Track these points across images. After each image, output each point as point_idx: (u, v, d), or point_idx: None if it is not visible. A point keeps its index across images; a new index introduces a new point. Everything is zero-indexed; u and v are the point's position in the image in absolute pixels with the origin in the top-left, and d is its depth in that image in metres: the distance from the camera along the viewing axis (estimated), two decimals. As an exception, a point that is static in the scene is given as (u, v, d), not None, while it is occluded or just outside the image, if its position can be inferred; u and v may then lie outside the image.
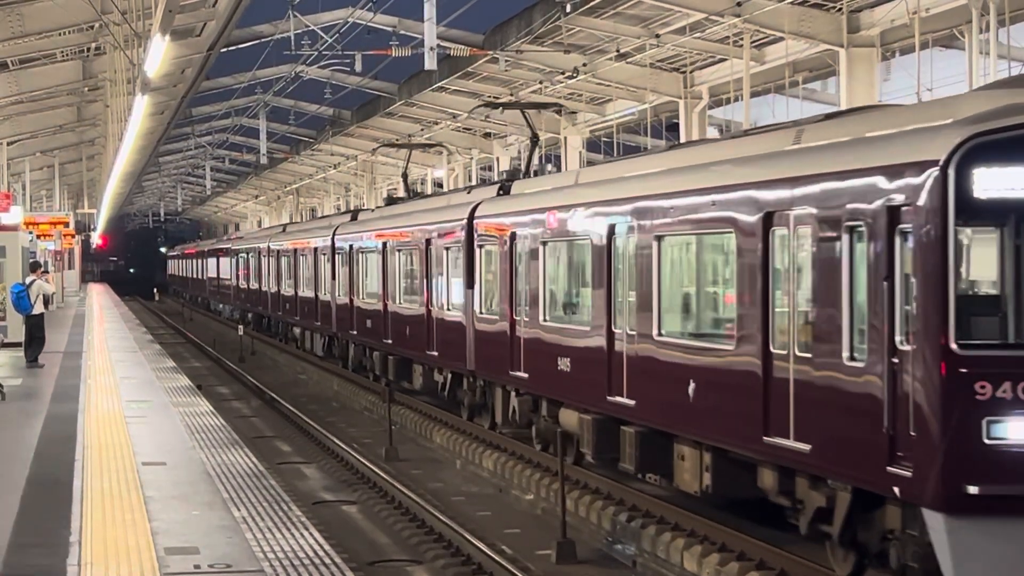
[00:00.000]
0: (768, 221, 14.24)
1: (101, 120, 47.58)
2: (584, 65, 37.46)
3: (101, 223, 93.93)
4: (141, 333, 43.07)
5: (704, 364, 15.67)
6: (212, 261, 76.75)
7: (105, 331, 42.45)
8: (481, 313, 24.14)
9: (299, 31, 41.87)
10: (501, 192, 24.61)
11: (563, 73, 38.81)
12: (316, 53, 43.56)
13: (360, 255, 34.77)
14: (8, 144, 47.21)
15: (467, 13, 38.52)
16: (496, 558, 15.61)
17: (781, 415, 13.83)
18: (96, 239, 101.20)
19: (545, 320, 20.99)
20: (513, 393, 22.61)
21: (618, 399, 17.89)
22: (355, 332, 35.00)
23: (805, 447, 13.41)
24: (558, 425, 20.02)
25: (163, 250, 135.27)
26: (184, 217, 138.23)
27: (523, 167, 25.72)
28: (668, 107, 41.41)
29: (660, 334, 16.79)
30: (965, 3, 26.12)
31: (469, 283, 24.72)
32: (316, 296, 41.16)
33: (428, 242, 27.36)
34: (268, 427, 29.60)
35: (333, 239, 38.44)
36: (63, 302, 60.55)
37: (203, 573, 10.59)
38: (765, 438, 14.08)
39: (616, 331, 18.12)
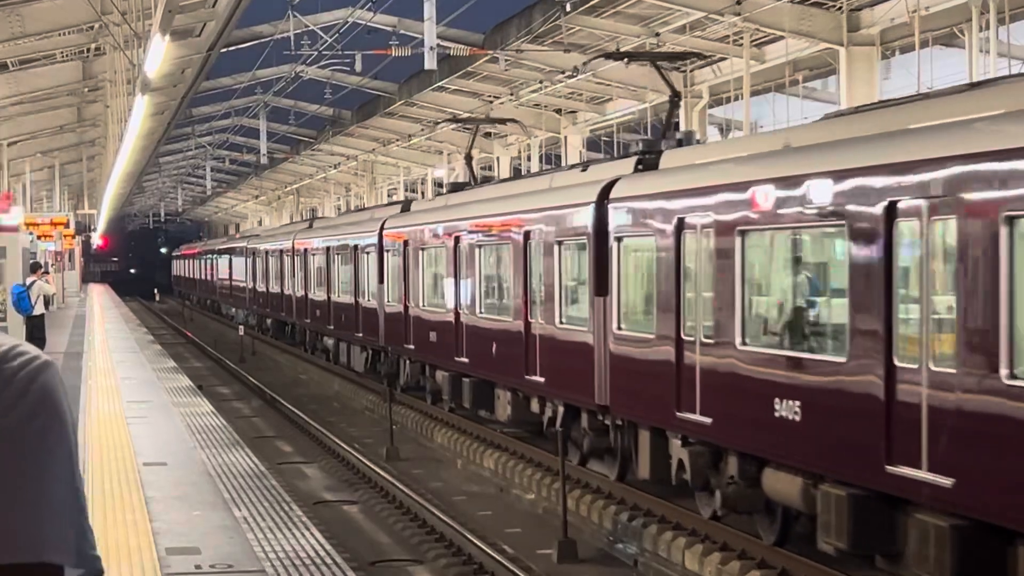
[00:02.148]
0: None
1: (101, 121, 47.57)
2: (584, 64, 37.45)
3: (101, 224, 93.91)
4: (142, 334, 43.07)
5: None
6: (223, 261, 71.11)
7: (106, 332, 42.45)
8: (620, 330, 18.43)
9: (299, 31, 41.88)
10: (641, 167, 18.91)
11: (563, 72, 38.80)
12: (316, 53, 43.54)
13: (419, 254, 28.95)
14: (8, 145, 47.20)
15: (467, 13, 38.53)
16: (497, 557, 15.61)
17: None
18: (96, 240, 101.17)
19: (744, 344, 14.89)
20: (678, 442, 16.66)
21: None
22: (411, 347, 29.26)
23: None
24: (760, 491, 14.82)
25: (163, 250, 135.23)
26: (185, 218, 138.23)
27: (662, 131, 20.63)
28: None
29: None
30: (965, 1, 26.12)
31: (601, 290, 18.84)
32: (357, 302, 35.53)
33: (527, 236, 21.89)
34: (269, 427, 29.61)
35: (381, 235, 32.65)
36: (63, 303, 60.55)
37: (204, 573, 10.59)
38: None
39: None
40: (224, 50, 38.04)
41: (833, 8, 29.95)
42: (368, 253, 34.17)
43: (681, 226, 16.28)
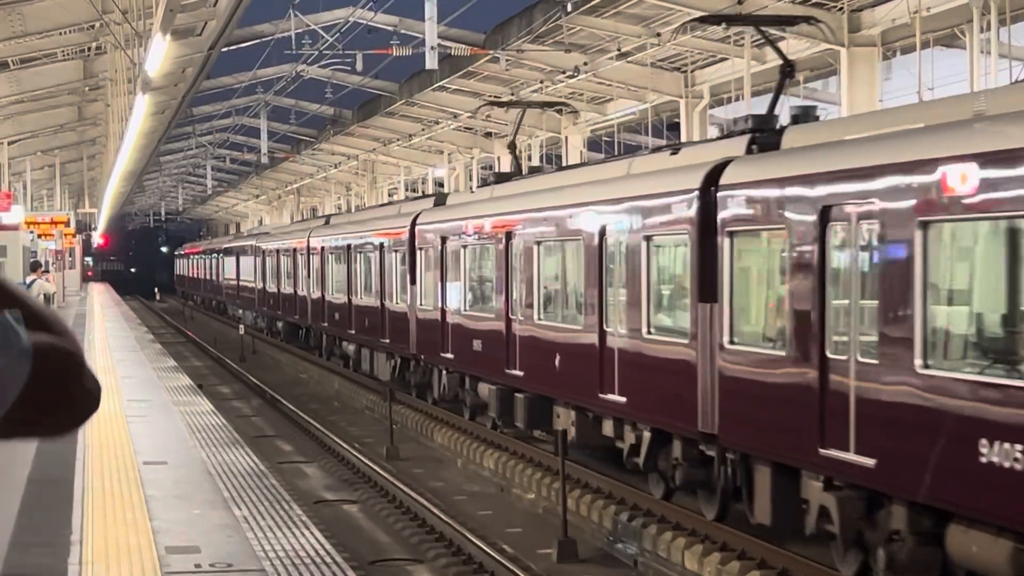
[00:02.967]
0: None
1: (102, 119, 47.59)
2: (585, 64, 37.45)
3: (102, 223, 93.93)
4: (142, 332, 43.07)
5: None
6: (230, 261, 67.36)
7: (106, 330, 42.45)
8: (733, 344, 15.10)
9: (300, 30, 41.92)
10: (756, 147, 15.83)
11: (564, 72, 38.80)
12: (317, 52, 43.59)
13: (459, 252, 25.77)
14: (9, 144, 47.23)
15: (468, 12, 38.55)
16: (497, 557, 15.61)
17: None
18: (97, 238, 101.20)
19: (927, 367, 11.78)
20: (819, 484, 13.53)
21: None
22: (449, 356, 26.21)
23: None
24: (939, 550, 12.10)
25: (164, 249, 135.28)
26: (185, 217, 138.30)
27: (769, 107, 17.18)
28: (669, 106, 41.41)
29: None
30: (966, 2, 26.11)
31: (707, 295, 15.47)
32: (383, 306, 32.21)
33: (603, 231, 18.62)
34: (269, 426, 29.61)
35: (412, 231, 29.25)
36: (64, 302, 60.55)
37: (204, 572, 10.58)
38: None
39: None
40: (225, 49, 38.04)
41: (834, 9, 29.95)
42: (397, 251, 30.61)
43: (827, 216, 13.17)
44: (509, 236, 22.57)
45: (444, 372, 27.01)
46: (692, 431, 15.87)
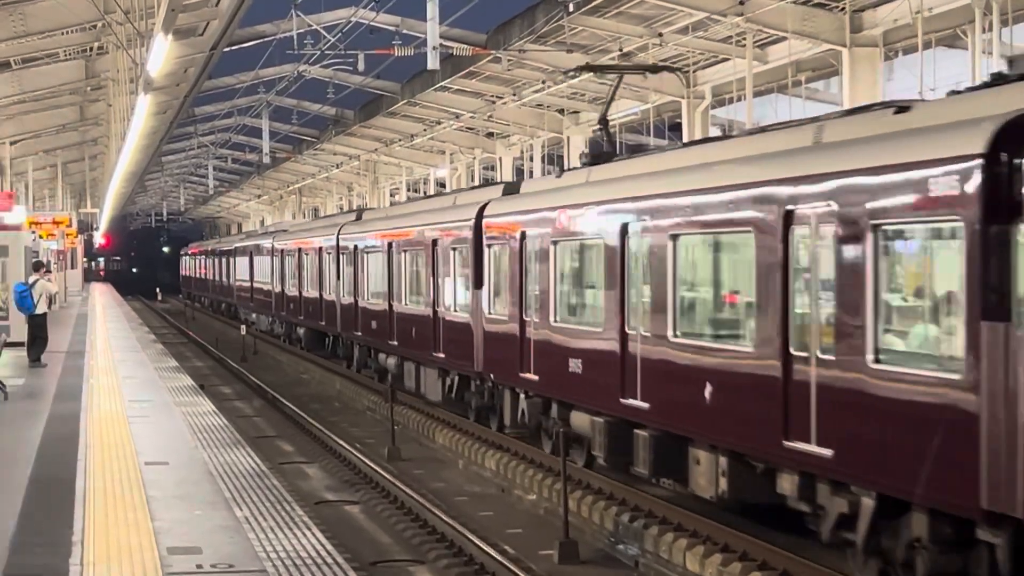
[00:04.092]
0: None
1: (104, 119, 47.58)
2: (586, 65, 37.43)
3: (104, 223, 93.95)
4: (144, 333, 43.08)
5: None
6: (242, 261, 62.19)
7: (108, 331, 42.45)
8: None
9: (302, 30, 41.93)
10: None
11: (566, 73, 38.81)
12: (319, 52, 43.58)
13: (548, 250, 20.72)
14: (11, 144, 47.21)
15: (470, 12, 38.59)
16: (499, 558, 15.61)
17: None
18: (99, 239, 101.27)
19: None
20: None
21: None
22: (532, 378, 21.38)
23: None
24: None
25: (166, 250, 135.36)
26: (187, 217, 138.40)
27: None
28: (671, 107, 41.42)
29: None
30: (968, 3, 26.12)
31: (995, 311, 10.84)
32: (435, 314, 27.15)
33: (788, 219, 13.81)
34: (270, 427, 29.61)
35: (478, 225, 24.37)
36: (65, 302, 60.58)
37: (205, 573, 10.58)
38: None
39: None
40: (227, 49, 38.05)
41: (836, 9, 29.95)
42: (455, 250, 25.87)
43: None
44: (624, 229, 17.78)
45: (523, 396, 22.05)
46: (960, 503, 11.24)
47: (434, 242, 27.17)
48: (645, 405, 17.20)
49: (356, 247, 35.53)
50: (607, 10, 33.17)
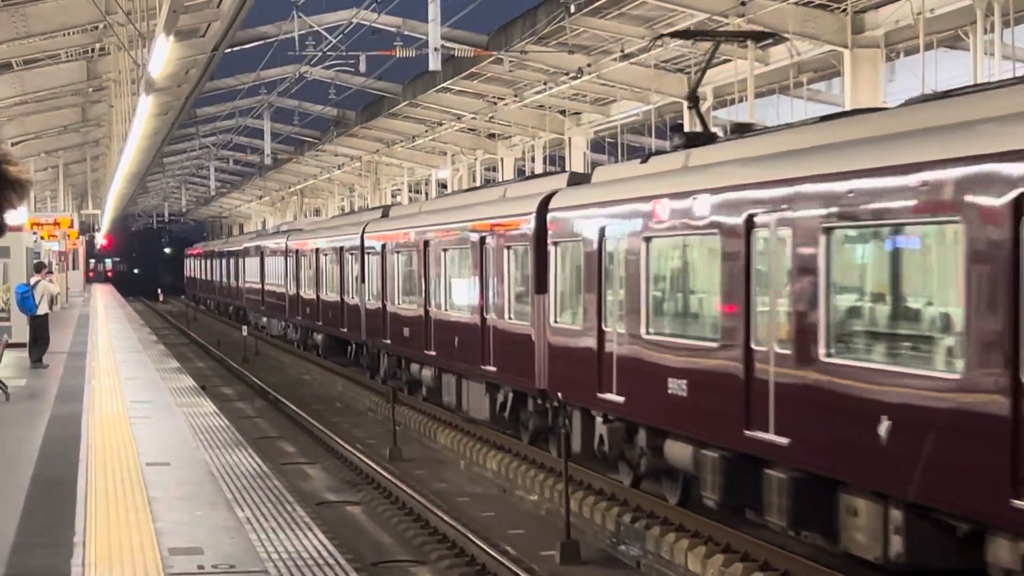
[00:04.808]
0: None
1: (105, 121, 47.61)
2: (588, 66, 37.46)
3: (105, 224, 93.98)
4: (145, 334, 43.08)
5: None
6: (252, 262, 59.37)
7: (109, 332, 42.46)
8: None
9: (303, 32, 41.95)
10: None
11: (567, 74, 38.81)
12: (320, 54, 43.61)
13: (643, 250, 17.40)
14: (12, 145, 47.20)
15: (471, 14, 38.61)
16: (500, 559, 15.61)
17: None
18: (100, 239, 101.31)
19: None
20: None
21: None
22: (617, 399, 18.01)
23: None
24: None
25: (167, 251, 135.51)
26: (189, 218, 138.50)
27: None
28: (672, 108, 41.43)
29: None
30: (970, 4, 26.12)
31: None
32: (483, 321, 23.95)
33: None
34: (272, 428, 29.61)
35: (542, 219, 21.17)
36: (67, 303, 60.60)
37: (207, 574, 10.58)
38: None
39: None
40: (228, 50, 38.06)
41: (837, 10, 29.95)
42: (509, 249, 22.74)
43: None
44: (750, 221, 14.49)
45: (599, 420, 19.00)
46: None
47: (482, 240, 24.05)
48: (782, 440, 13.78)
49: (384, 247, 32.36)
50: (608, 11, 33.17)
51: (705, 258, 16.13)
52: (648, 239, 17.28)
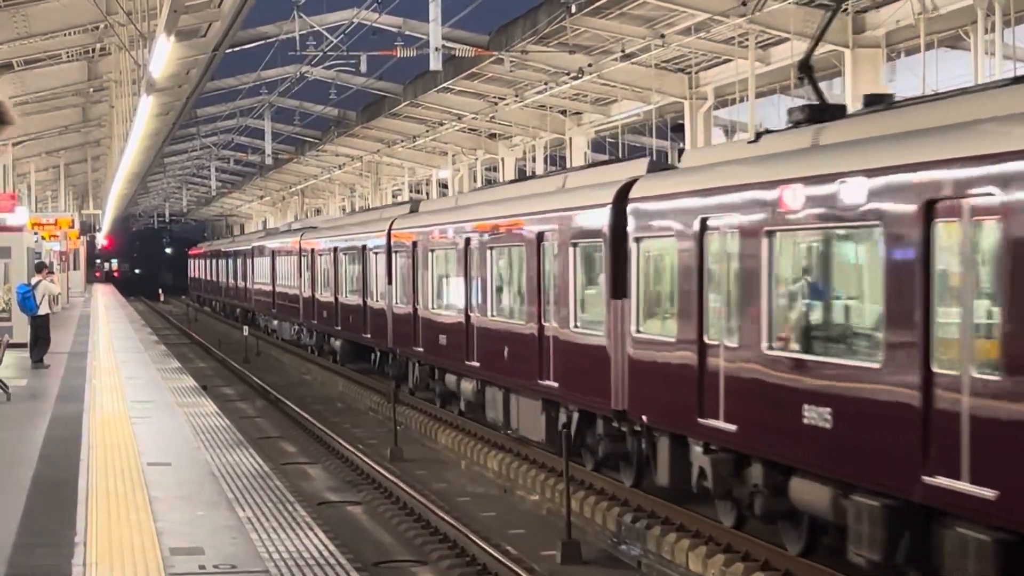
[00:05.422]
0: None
1: (106, 121, 47.62)
2: (589, 66, 37.46)
3: (106, 224, 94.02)
4: (146, 334, 43.09)
5: None
6: (261, 262, 56.40)
7: (110, 332, 42.47)
8: None
9: (304, 32, 41.95)
10: None
11: (568, 74, 38.81)
12: (321, 54, 43.62)
13: (766, 247, 14.51)
14: (13, 145, 47.23)
15: (472, 14, 38.61)
16: (501, 559, 15.61)
17: None
18: (101, 240, 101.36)
19: None
20: None
21: None
22: (728, 427, 15.12)
23: None
24: None
25: (168, 251, 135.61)
26: (190, 218, 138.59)
27: None
28: (673, 108, 41.44)
29: None
30: (971, 4, 26.11)
31: None
32: (541, 330, 21.01)
33: None
34: (273, 428, 29.61)
35: (619, 213, 18.19)
36: (68, 303, 60.62)
37: (208, 573, 10.59)
38: None
39: None
40: (229, 51, 38.06)
41: (838, 10, 29.92)
42: (575, 246, 19.75)
43: None
44: (930, 209, 11.66)
45: (697, 448, 16.10)
46: None
47: (539, 237, 21.09)
48: (988, 493, 10.79)
49: (416, 245, 29.22)
50: (609, 11, 33.16)
51: (861, 256, 13.38)
52: (772, 232, 14.30)
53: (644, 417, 17.27)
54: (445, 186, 60.04)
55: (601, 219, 18.61)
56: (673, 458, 16.78)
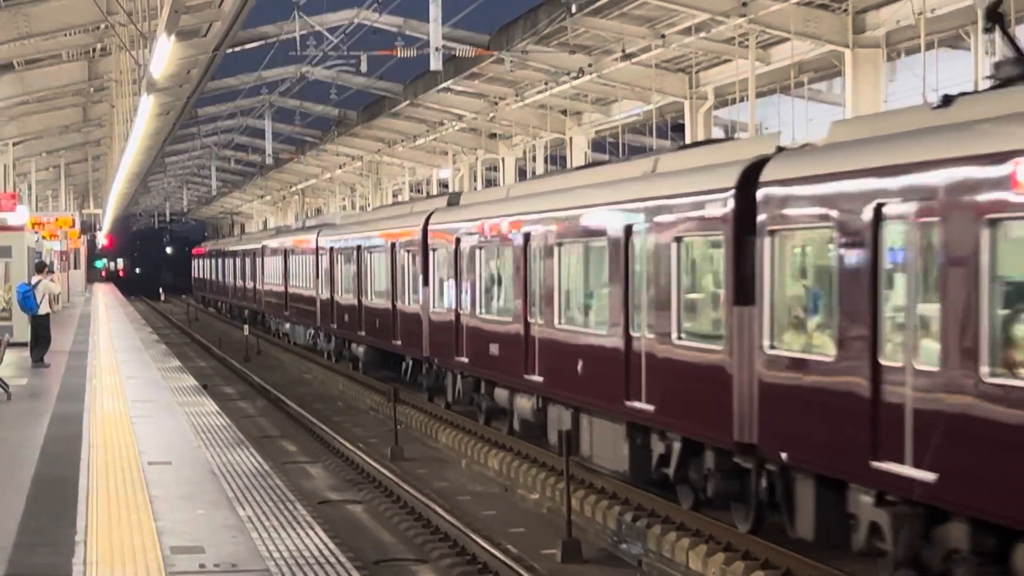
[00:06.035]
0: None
1: (107, 121, 47.61)
2: (590, 66, 37.48)
3: (107, 223, 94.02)
4: (147, 333, 43.10)
5: None
6: (272, 262, 53.09)
7: (111, 331, 42.48)
8: None
9: (304, 32, 41.95)
10: None
11: (568, 74, 38.83)
12: (321, 54, 43.62)
13: (986, 239, 10.91)
14: (14, 144, 47.24)
15: (472, 14, 38.64)
16: (501, 557, 15.63)
17: None
18: (102, 239, 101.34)
19: None
20: None
21: None
22: (916, 474, 11.67)
23: None
24: None
25: (169, 250, 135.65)
26: (190, 218, 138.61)
27: None
28: (673, 107, 41.44)
29: None
30: (971, 4, 26.12)
31: None
32: (629, 343, 17.77)
33: None
34: (273, 427, 29.62)
35: (744, 202, 14.91)
36: (68, 302, 60.63)
37: (208, 572, 10.60)
38: None
39: None
40: (230, 51, 38.07)
41: (839, 10, 29.96)
42: (679, 242, 16.48)
43: None
44: None
45: (872, 500, 12.68)
46: None
47: (627, 231, 17.78)
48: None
49: (458, 242, 25.94)
50: (610, 11, 33.17)
51: None
52: (994, 222, 10.82)
53: (784, 455, 13.96)
54: (445, 186, 60.04)
55: (720, 208, 15.28)
56: (820, 505, 13.71)
